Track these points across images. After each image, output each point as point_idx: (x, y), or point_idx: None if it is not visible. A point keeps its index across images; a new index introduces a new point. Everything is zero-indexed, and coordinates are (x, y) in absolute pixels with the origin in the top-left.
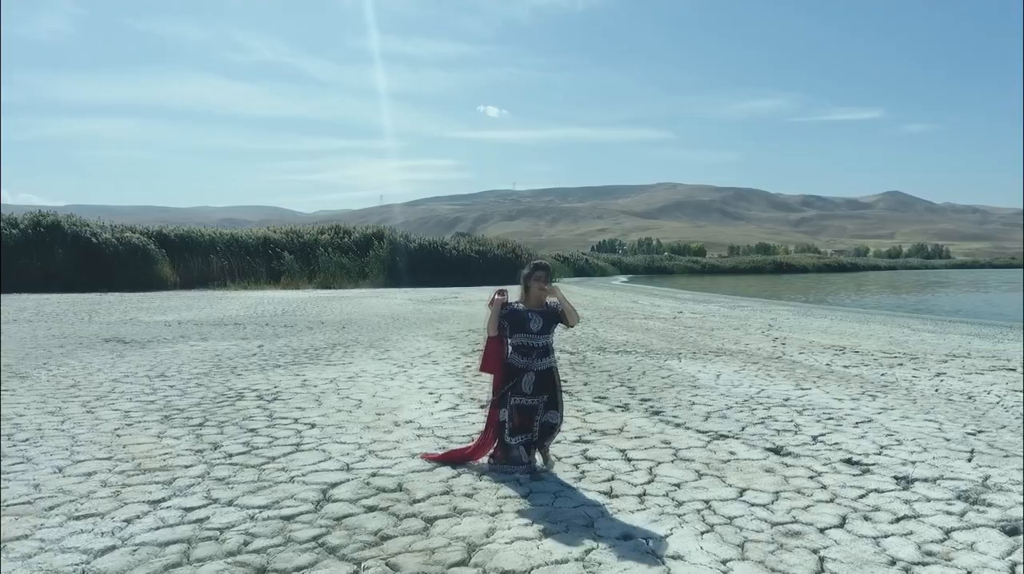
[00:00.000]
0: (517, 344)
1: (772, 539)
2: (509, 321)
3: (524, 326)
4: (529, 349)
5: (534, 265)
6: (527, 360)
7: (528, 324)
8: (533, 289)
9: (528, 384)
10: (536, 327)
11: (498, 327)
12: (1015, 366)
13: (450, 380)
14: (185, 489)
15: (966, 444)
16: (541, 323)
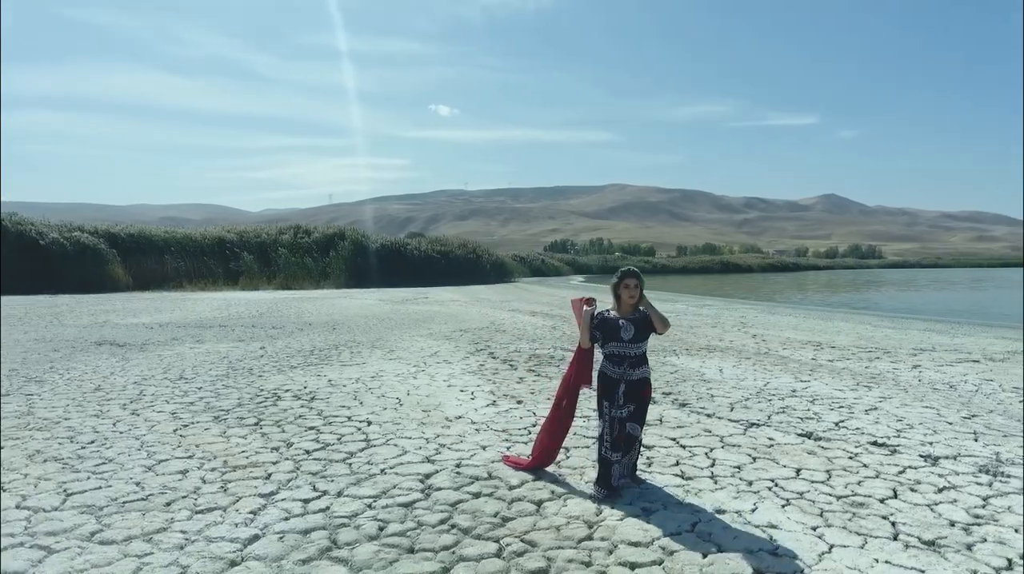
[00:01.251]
0: (609, 353)
1: (844, 509)
2: (601, 330)
3: (616, 334)
4: (621, 358)
5: (623, 271)
6: (620, 370)
7: (620, 332)
8: (623, 296)
9: (620, 394)
10: (628, 335)
11: (591, 338)
12: (977, 358)
13: (473, 378)
14: (287, 483)
15: (967, 426)
16: (633, 331)
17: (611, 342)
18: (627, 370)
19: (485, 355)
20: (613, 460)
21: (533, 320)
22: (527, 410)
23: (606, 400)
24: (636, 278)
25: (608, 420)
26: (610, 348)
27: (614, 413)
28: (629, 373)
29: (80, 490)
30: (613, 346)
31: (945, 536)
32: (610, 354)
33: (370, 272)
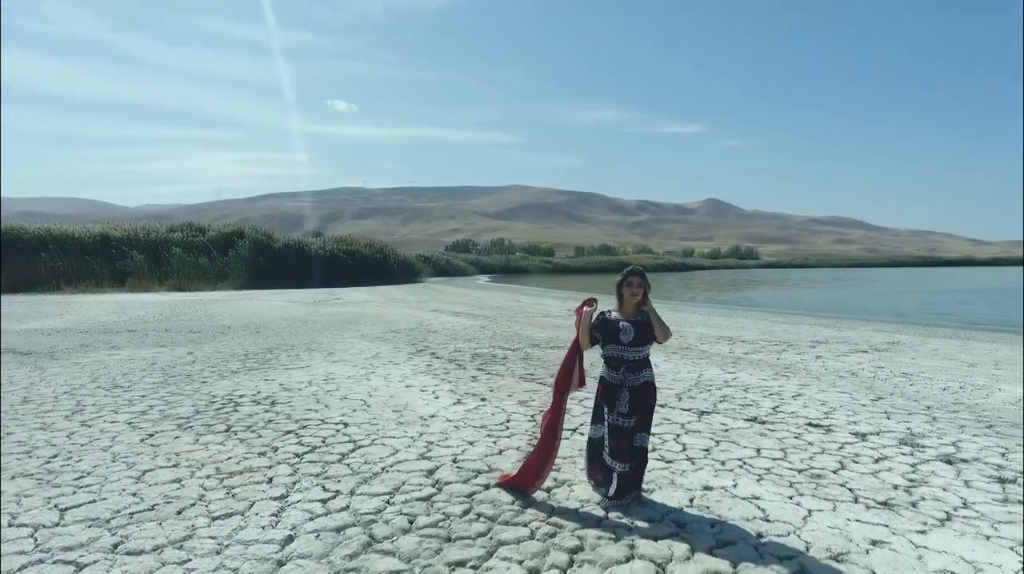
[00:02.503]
0: (608, 356)
1: (807, 480)
2: (601, 332)
3: (615, 337)
4: (619, 362)
5: (628, 271)
6: (619, 374)
7: (619, 335)
8: (626, 295)
9: (624, 402)
10: (627, 339)
11: (591, 339)
12: (865, 349)
13: (427, 378)
14: (293, 486)
15: (878, 407)
16: (633, 334)
17: (610, 344)
18: (626, 375)
19: (428, 355)
20: (616, 469)
21: (459, 320)
22: (495, 407)
23: (606, 406)
24: (640, 277)
25: (608, 427)
26: (608, 351)
27: (614, 421)
28: (629, 378)
29: (74, 504)
30: (612, 349)
31: (894, 497)
32: (609, 357)
33: (272, 272)
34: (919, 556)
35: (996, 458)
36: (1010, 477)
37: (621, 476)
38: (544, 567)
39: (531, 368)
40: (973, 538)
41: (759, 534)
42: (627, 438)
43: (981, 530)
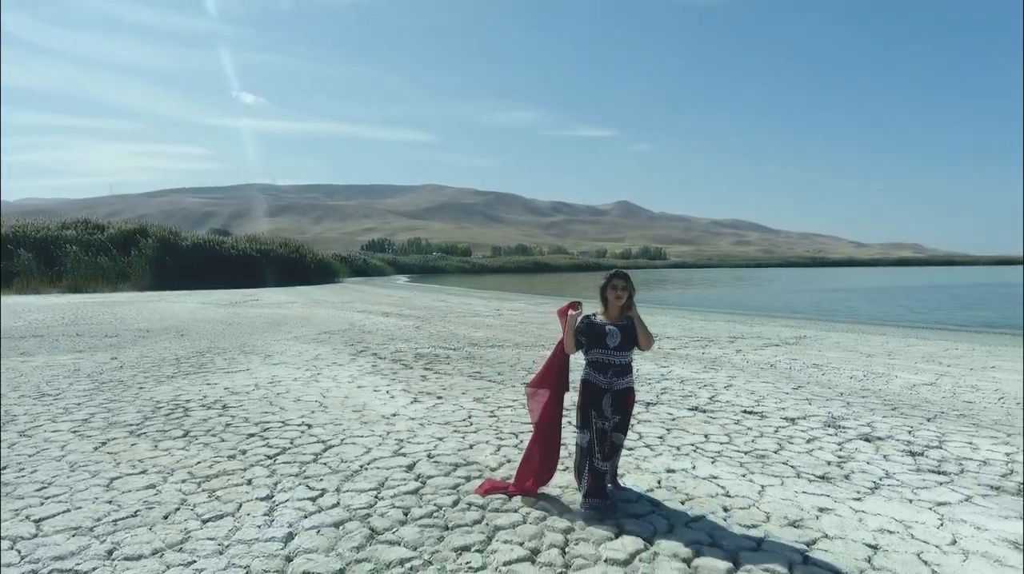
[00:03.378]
0: (594, 361)
1: (754, 460)
2: (585, 336)
3: (601, 341)
4: (605, 366)
5: (612, 273)
6: (606, 378)
7: (605, 339)
8: (610, 298)
9: (608, 406)
10: (614, 343)
11: (576, 344)
12: (777, 343)
13: (377, 379)
14: (276, 486)
15: (800, 395)
16: (619, 338)
17: (595, 349)
18: (613, 379)
19: (371, 356)
20: (604, 470)
21: (391, 321)
22: (453, 405)
23: (592, 410)
24: (625, 280)
25: (596, 431)
26: (594, 355)
27: (600, 424)
28: (615, 382)
29: (47, 515)
30: (598, 353)
31: (830, 471)
32: (594, 362)
33: (180, 273)
34: (859, 519)
35: (905, 435)
36: (919, 450)
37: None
38: (544, 547)
39: (477, 367)
40: (899, 502)
41: (725, 508)
42: (606, 438)
43: (904, 495)
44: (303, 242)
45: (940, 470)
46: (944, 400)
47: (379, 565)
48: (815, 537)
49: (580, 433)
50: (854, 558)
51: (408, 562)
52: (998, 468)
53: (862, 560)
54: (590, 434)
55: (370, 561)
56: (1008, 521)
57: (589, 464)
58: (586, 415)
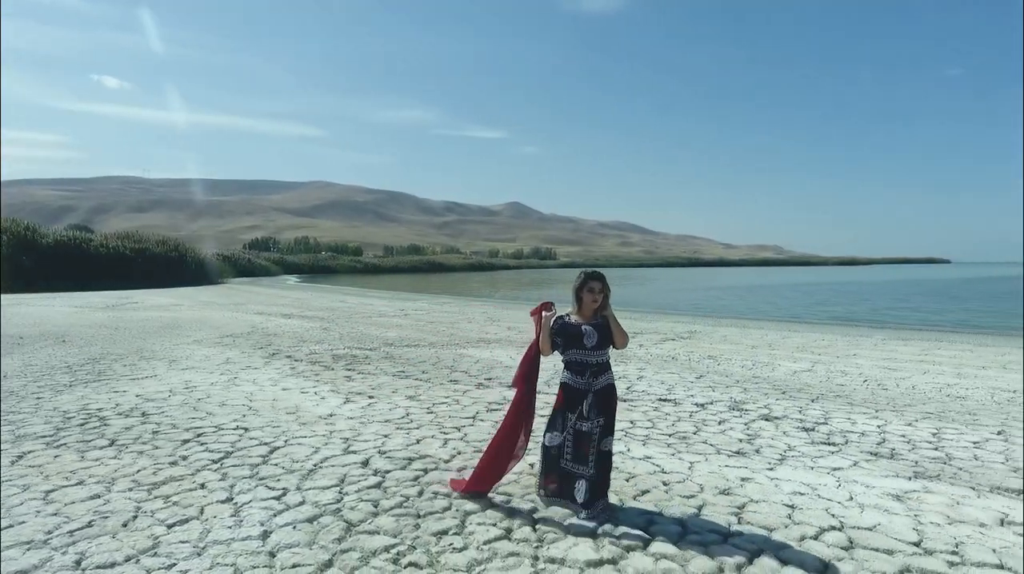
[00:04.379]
0: (571, 361)
1: (679, 441)
2: (561, 336)
3: (578, 341)
4: (583, 366)
5: (587, 274)
6: (584, 379)
7: (583, 339)
8: (586, 300)
9: (587, 406)
10: (591, 343)
11: (552, 345)
12: (672, 337)
13: (301, 381)
14: (233, 488)
15: (704, 383)
16: (596, 338)
17: (572, 349)
18: (591, 379)
19: (285, 359)
20: (577, 473)
21: (295, 322)
22: (388, 403)
23: (569, 412)
24: (601, 281)
25: (571, 432)
26: (571, 355)
27: (579, 426)
28: (594, 382)
29: None
30: (575, 353)
31: (743, 447)
32: (572, 362)
33: (40, 273)
34: (775, 485)
35: (797, 414)
36: (810, 426)
37: (589, 481)
38: (515, 526)
39: (399, 366)
40: (804, 470)
41: (664, 482)
42: (590, 442)
43: (806, 464)
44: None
45: (830, 442)
46: (821, 384)
47: (365, 553)
48: (744, 502)
49: (548, 435)
50: (777, 516)
51: (393, 548)
52: (873, 438)
53: (784, 517)
54: (561, 436)
55: (355, 550)
56: (888, 479)
57: (556, 467)
58: (559, 417)
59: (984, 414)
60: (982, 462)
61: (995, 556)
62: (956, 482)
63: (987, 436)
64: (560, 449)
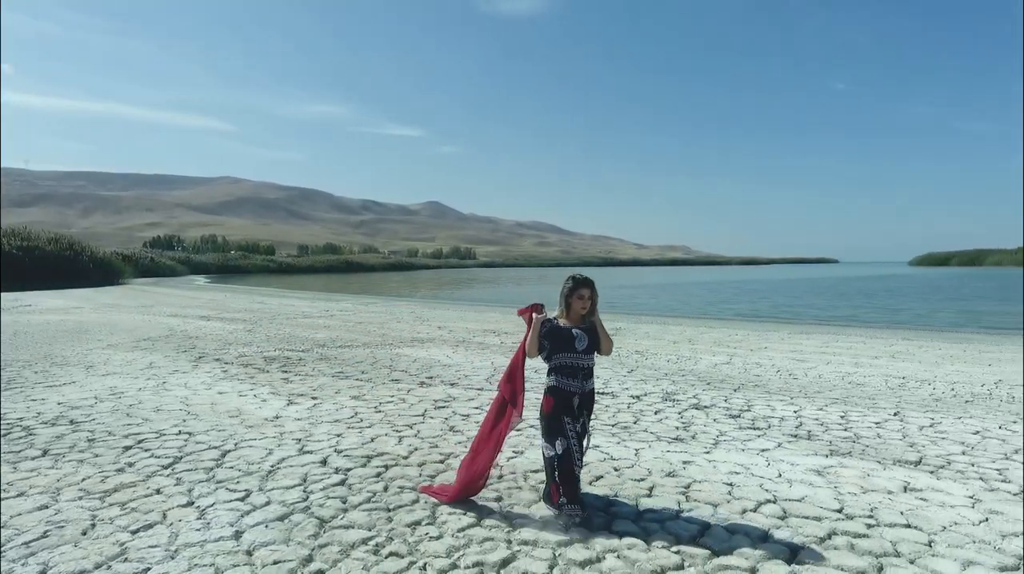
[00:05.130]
0: (561, 365)
1: (622, 430)
2: (550, 340)
3: (570, 345)
4: (575, 370)
5: (576, 279)
6: (576, 382)
7: (574, 343)
8: (575, 306)
9: (579, 409)
10: (582, 346)
11: (539, 347)
12: None
13: (237, 384)
14: (192, 492)
15: (636, 376)
16: (587, 342)
17: (563, 352)
18: (583, 382)
19: (214, 362)
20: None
21: (216, 325)
22: (333, 404)
23: (566, 416)
24: (591, 288)
25: (573, 436)
26: (562, 359)
27: (576, 427)
28: (584, 385)
29: None
30: (566, 357)
31: (680, 434)
32: (563, 366)
33: None
34: (714, 466)
35: (723, 403)
36: (736, 413)
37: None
38: (484, 514)
39: (337, 367)
40: (736, 452)
41: (615, 468)
42: (581, 441)
43: (738, 446)
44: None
45: (755, 426)
46: (740, 375)
47: (344, 546)
48: (689, 482)
49: (554, 443)
50: (719, 493)
51: (371, 540)
52: (792, 422)
53: (725, 494)
54: (567, 442)
55: (334, 544)
56: (808, 457)
57: (572, 473)
58: (560, 424)
59: (881, 398)
60: (884, 439)
61: (903, 518)
62: (865, 457)
63: (885, 417)
64: (568, 455)
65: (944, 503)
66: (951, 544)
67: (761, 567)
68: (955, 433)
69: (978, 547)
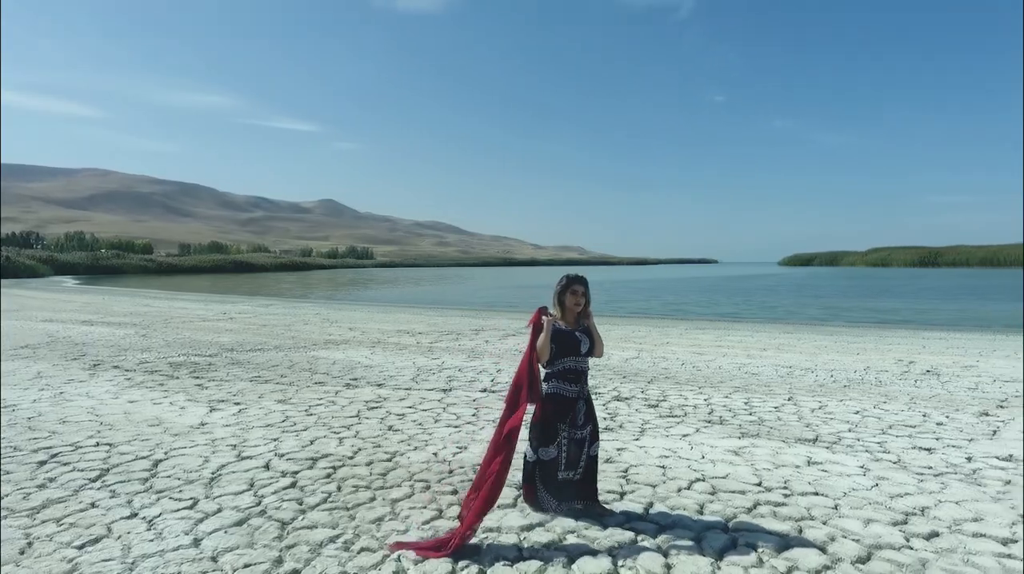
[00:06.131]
0: (564, 370)
1: None
2: (556, 343)
3: (575, 348)
4: (578, 374)
5: (570, 277)
6: (577, 387)
7: (579, 346)
8: (569, 305)
9: (581, 414)
10: (585, 348)
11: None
12: (513, 333)
13: (146, 391)
14: (133, 503)
15: None
16: (588, 344)
17: (567, 356)
18: (582, 386)
19: (113, 370)
20: (569, 478)
21: (102, 330)
22: (260, 409)
23: (560, 423)
24: (584, 285)
25: (566, 443)
26: (565, 363)
27: (573, 434)
28: (582, 390)
29: None
30: (570, 361)
31: (609, 424)
32: (565, 371)
33: None
34: (645, 451)
35: (641, 394)
36: (655, 403)
37: (578, 484)
38: (444, 506)
39: (253, 371)
40: (662, 438)
41: None
42: (582, 449)
43: (662, 433)
44: None
45: (672, 414)
46: (650, 368)
47: (314, 545)
48: (626, 467)
49: (541, 449)
50: (655, 476)
51: (339, 537)
52: (704, 409)
53: (660, 476)
54: (553, 450)
55: (301, 544)
56: (724, 439)
57: (555, 479)
58: (552, 430)
59: (775, 386)
60: (784, 422)
61: (811, 487)
62: (771, 438)
63: (782, 402)
64: (555, 462)
65: (841, 473)
66: (852, 506)
67: (704, 536)
68: (840, 413)
69: (874, 507)
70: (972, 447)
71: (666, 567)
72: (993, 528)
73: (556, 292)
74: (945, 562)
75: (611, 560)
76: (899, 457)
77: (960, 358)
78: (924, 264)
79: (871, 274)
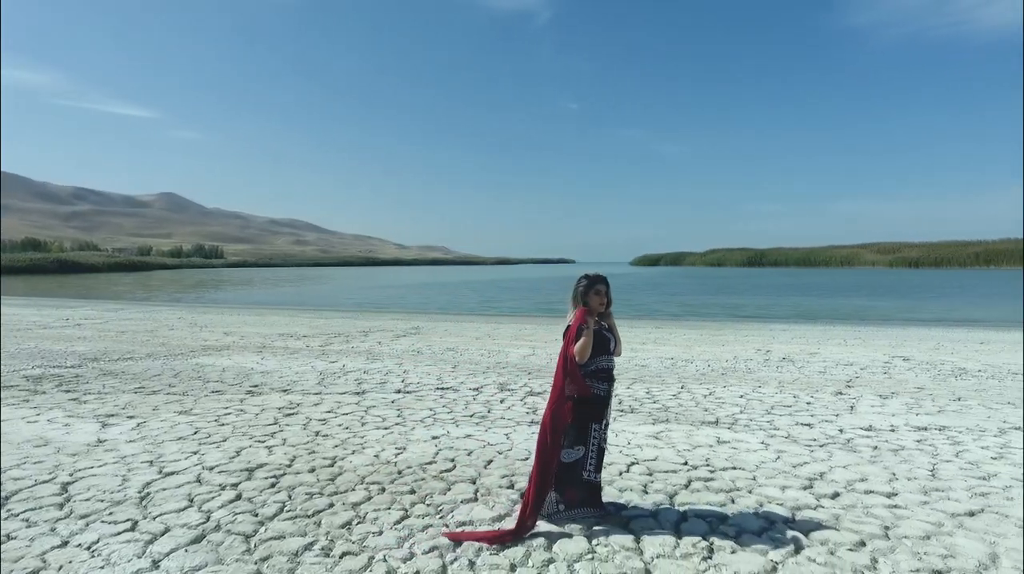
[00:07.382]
0: (597, 370)
1: (483, 419)
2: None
3: (606, 347)
4: (609, 373)
5: (593, 277)
6: (607, 386)
7: (609, 345)
8: (593, 304)
9: (609, 414)
10: (613, 347)
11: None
12: (403, 333)
13: (10, 410)
14: (58, 532)
15: (463, 371)
16: (614, 343)
17: (600, 356)
18: (610, 385)
19: None
20: (597, 482)
21: None
22: (162, 422)
23: (594, 423)
24: (607, 284)
25: (596, 444)
26: (599, 363)
27: (603, 434)
28: (611, 388)
29: None
30: (603, 360)
31: (533, 418)
32: (599, 370)
33: None
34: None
35: None
36: None
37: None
38: (408, 506)
39: (133, 382)
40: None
41: (499, 452)
42: (603, 449)
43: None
44: None
45: None
46: (548, 364)
47: (289, 553)
48: None
49: (571, 450)
50: None
51: (314, 545)
52: (627, 402)
53: None
54: (585, 449)
55: (276, 554)
56: (643, 426)
57: (578, 481)
58: (587, 431)
59: (665, 375)
60: (685, 407)
61: (729, 462)
62: (680, 422)
63: (677, 390)
64: (581, 462)
65: (748, 449)
66: (767, 476)
67: (659, 512)
68: (728, 398)
69: (784, 476)
70: (840, 421)
71: (636, 541)
72: (877, 485)
73: (579, 293)
74: (852, 515)
75: (587, 540)
76: (788, 433)
77: (805, 346)
78: (752, 263)
79: (711, 273)
